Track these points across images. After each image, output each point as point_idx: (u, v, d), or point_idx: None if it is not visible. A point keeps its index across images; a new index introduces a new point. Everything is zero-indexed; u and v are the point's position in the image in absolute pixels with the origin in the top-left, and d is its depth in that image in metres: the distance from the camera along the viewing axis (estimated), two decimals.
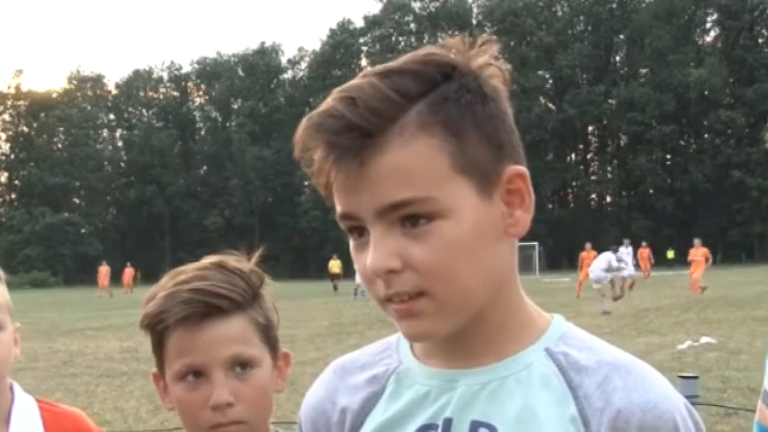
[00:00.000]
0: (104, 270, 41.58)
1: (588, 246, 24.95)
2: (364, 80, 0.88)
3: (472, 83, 0.89)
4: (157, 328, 1.26)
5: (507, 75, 0.93)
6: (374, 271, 0.87)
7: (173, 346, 1.25)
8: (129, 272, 45.02)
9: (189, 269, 1.30)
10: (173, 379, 1.26)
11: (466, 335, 0.93)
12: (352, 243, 0.92)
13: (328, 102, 0.88)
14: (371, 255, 0.87)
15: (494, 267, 0.91)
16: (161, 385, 1.32)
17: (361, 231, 0.90)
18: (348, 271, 37.36)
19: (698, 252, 24.16)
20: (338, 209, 0.90)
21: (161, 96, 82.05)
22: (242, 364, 1.25)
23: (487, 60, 0.91)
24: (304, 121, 0.89)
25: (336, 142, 0.86)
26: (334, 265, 35.69)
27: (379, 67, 0.90)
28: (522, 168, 0.91)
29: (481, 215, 0.88)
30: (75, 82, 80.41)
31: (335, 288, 33.84)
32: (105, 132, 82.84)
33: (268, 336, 1.30)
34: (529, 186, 0.91)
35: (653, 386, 0.89)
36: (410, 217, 0.86)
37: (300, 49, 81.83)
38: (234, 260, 1.32)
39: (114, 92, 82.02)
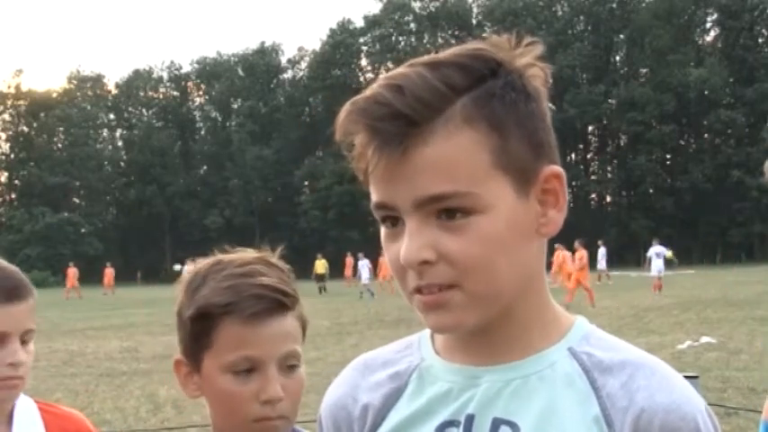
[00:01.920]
0: (72, 272, 40.51)
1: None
2: (411, 69, 0.88)
3: (517, 81, 0.90)
4: (216, 320, 1.25)
5: (549, 76, 0.94)
6: (408, 262, 0.87)
7: (230, 336, 1.25)
8: (109, 272, 43.48)
9: (236, 261, 1.30)
10: (221, 369, 1.26)
11: (490, 331, 0.93)
12: (383, 232, 0.92)
13: (374, 88, 0.88)
14: (406, 246, 0.87)
15: (524, 265, 0.91)
16: (184, 371, 1.32)
17: (394, 221, 0.90)
18: (334, 271, 37.04)
19: (579, 256, 21.11)
20: (374, 197, 0.90)
21: (161, 96, 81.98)
22: (291, 362, 1.28)
23: (531, 60, 0.92)
24: (347, 104, 0.89)
25: (381, 128, 0.86)
26: (320, 266, 34.64)
27: (426, 58, 0.90)
28: (559, 169, 0.93)
29: (517, 213, 0.89)
30: (75, 82, 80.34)
31: (324, 290, 33.11)
32: (105, 132, 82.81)
33: (304, 333, 1.34)
34: (564, 187, 0.93)
35: (676, 387, 0.90)
36: (447, 210, 0.87)
37: (300, 49, 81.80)
38: (271, 256, 1.34)
39: (114, 92, 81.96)
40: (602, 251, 33.86)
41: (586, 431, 0.88)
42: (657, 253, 25.71)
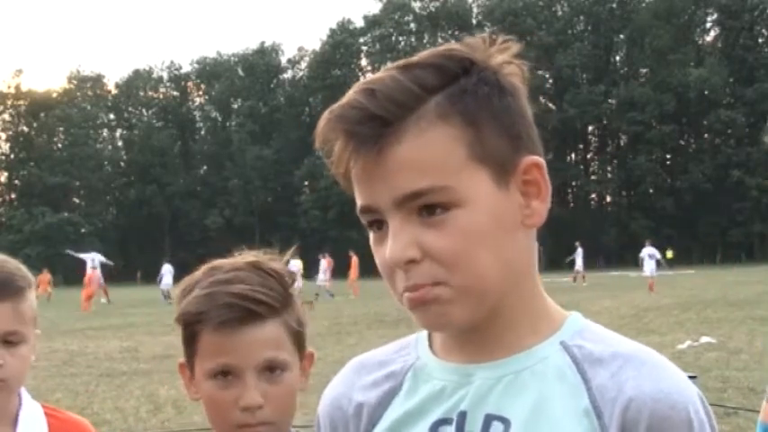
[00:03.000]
0: (45, 278, 38.12)
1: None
2: (385, 74, 0.90)
3: (491, 77, 0.91)
4: (195, 327, 1.28)
5: (527, 73, 0.94)
6: (394, 262, 0.88)
7: (207, 344, 1.27)
8: (92, 275, 39.94)
9: (225, 266, 1.30)
10: (204, 375, 1.28)
11: (482, 328, 0.93)
12: (371, 237, 0.93)
13: (349, 94, 0.90)
14: (390, 246, 0.88)
15: (511, 258, 0.91)
16: (187, 375, 1.34)
17: (380, 225, 0.91)
18: (309, 272, 36.46)
19: None
20: (358, 202, 0.91)
21: (161, 96, 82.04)
22: (274, 368, 1.27)
23: (506, 58, 0.93)
24: (326, 113, 0.91)
25: (356, 131, 0.87)
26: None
27: (400, 62, 0.92)
28: (539, 158, 0.92)
29: (498, 205, 0.89)
30: (75, 82, 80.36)
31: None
32: (105, 132, 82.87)
33: (298, 338, 1.32)
34: (545, 176, 0.92)
35: (666, 376, 0.89)
36: (427, 206, 0.88)
37: (300, 49, 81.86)
38: (269, 260, 1.33)
39: (114, 92, 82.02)
40: (579, 252, 33.76)
41: (577, 423, 0.88)
42: (650, 254, 26.25)
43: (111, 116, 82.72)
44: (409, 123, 0.87)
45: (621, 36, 71.20)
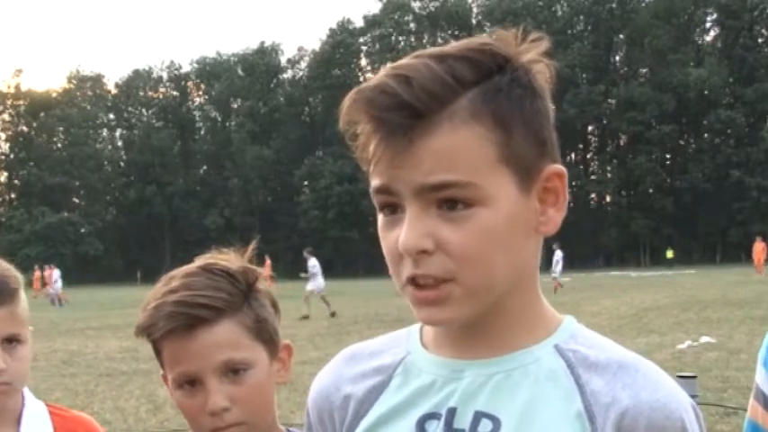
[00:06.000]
0: (38, 275, 38.55)
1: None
2: (419, 61, 0.87)
3: (523, 77, 0.90)
4: (151, 340, 1.28)
5: (554, 73, 0.94)
6: (406, 250, 0.86)
7: (166, 355, 1.27)
8: (37, 275, 38.16)
9: (178, 275, 1.29)
10: (172, 385, 1.28)
11: (478, 325, 0.93)
12: (381, 219, 0.91)
13: (381, 77, 0.87)
14: (405, 233, 0.86)
15: (520, 261, 0.91)
16: (169, 386, 1.34)
17: (393, 208, 0.89)
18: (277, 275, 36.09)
19: None
20: (375, 182, 0.89)
21: (161, 96, 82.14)
22: (236, 369, 1.25)
23: (536, 57, 0.92)
24: (352, 93, 0.88)
25: (386, 119, 0.85)
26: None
27: (433, 50, 0.89)
28: (562, 168, 0.92)
29: (518, 209, 0.88)
30: (74, 82, 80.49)
31: None
32: (105, 132, 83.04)
33: (261, 334, 1.29)
34: (565, 186, 0.92)
35: (662, 385, 0.90)
36: (448, 201, 0.86)
37: (300, 49, 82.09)
38: (224, 260, 1.31)
39: (114, 91, 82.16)
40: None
41: (569, 426, 0.88)
42: (562, 257, 28.08)
43: (111, 116, 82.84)
44: (442, 118, 0.85)
45: (621, 36, 71.24)
